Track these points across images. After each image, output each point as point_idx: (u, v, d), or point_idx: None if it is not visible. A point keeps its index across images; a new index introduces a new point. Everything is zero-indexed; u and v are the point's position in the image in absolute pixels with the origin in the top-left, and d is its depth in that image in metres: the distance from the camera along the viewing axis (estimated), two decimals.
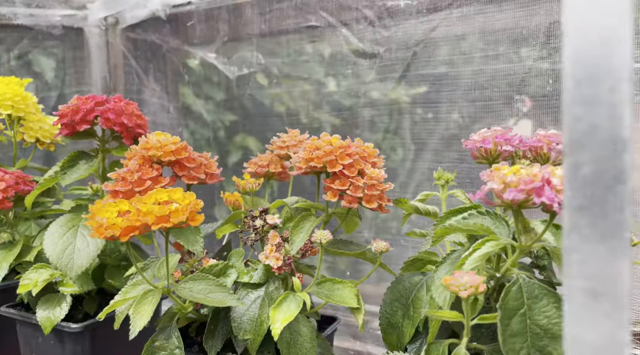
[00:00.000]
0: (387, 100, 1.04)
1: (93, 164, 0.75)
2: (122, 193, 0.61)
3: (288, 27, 1.16)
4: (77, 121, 0.74)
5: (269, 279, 0.63)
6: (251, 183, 0.72)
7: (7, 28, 1.45)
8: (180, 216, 0.51)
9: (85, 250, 0.73)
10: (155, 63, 1.42)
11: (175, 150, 0.64)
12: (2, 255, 0.80)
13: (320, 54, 1.13)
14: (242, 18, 1.23)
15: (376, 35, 1.03)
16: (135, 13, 1.39)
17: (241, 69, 1.25)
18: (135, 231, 0.52)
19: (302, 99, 1.17)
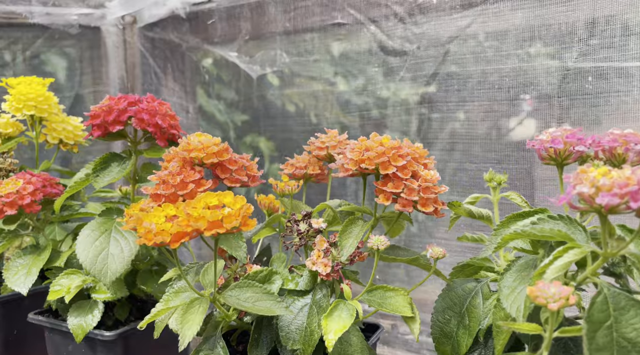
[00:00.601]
0: (417, 99, 1.01)
1: (126, 166, 0.72)
2: (164, 196, 0.58)
3: (313, 25, 1.14)
4: (110, 122, 0.71)
5: (315, 285, 0.61)
6: (291, 185, 0.69)
7: (23, 27, 1.43)
8: (233, 221, 0.49)
9: (119, 255, 0.71)
10: (174, 62, 1.40)
11: (218, 151, 0.61)
12: (31, 260, 0.78)
13: (347, 52, 1.10)
14: (265, 16, 1.21)
15: (407, 32, 1.01)
16: (154, 11, 1.37)
17: (264, 68, 1.22)
18: (185, 237, 0.49)
19: (327, 98, 1.14)
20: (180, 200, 0.58)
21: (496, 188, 0.63)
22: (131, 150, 0.76)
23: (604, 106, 0.82)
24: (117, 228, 0.74)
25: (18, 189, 0.77)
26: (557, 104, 0.86)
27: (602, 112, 0.83)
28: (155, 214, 0.52)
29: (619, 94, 0.81)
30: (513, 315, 0.45)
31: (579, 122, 0.84)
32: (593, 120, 0.84)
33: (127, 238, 0.72)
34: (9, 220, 0.77)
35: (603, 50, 0.81)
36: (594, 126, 0.84)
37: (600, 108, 0.83)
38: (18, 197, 0.76)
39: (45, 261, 0.76)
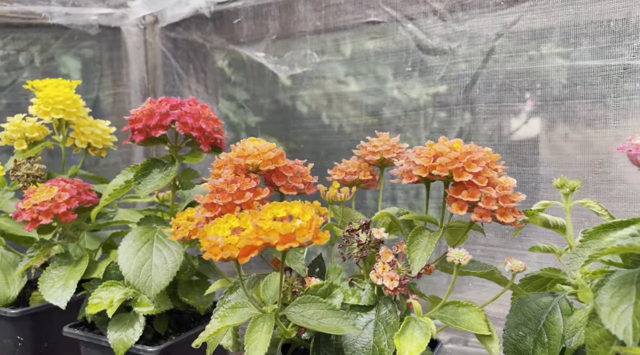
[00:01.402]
0: (459, 99, 0.97)
1: (168, 172, 0.69)
2: (220, 206, 0.55)
3: (346, 23, 1.10)
4: (153, 126, 0.68)
5: (379, 300, 0.57)
6: (344, 192, 0.66)
7: (42, 28, 1.39)
8: (306, 235, 0.45)
9: (163, 266, 0.67)
10: (198, 63, 1.36)
11: (274, 158, 0.58)
12: (67, 271, 0.74)
13: (382, 51, 1.06)
14: (294, 15, 1.17)
15: (447, 30, 0.97)
16: (177, 11, 1.33)
17: (293, 68, 1.19)
18: (254, 251, 0.46)
19: (362, 99, 1.10)
20: (238, 210, 0.55)
21: (568, 194, 0.59)
22: (173, 156, 0.72)
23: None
24: (159, 237, 0.70)
25: (53, 196, 0.73)
26: (612, 104, 0.82)
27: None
28: (219, 226, 0.48)
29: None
30: (620, 337, 0.41)
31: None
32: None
33: (170, 248, 0.69)
34: (44, 230, 0.74)
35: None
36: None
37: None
38: (53, 205, 0.73)
39: (83, 273, 0.72)
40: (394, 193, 1.08)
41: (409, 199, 1.06)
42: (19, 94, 1.40)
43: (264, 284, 0.55)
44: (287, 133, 1.22)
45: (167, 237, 0.70)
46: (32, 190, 0.75)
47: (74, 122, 0.97)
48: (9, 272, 0.86)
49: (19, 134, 0.97)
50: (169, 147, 0.75)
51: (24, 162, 0.93)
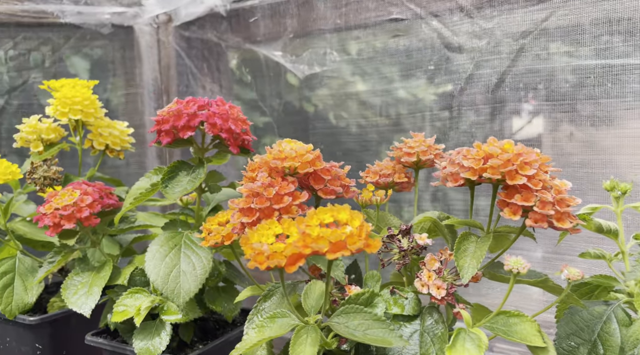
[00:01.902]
0: (487, 98, 0.94)
1: (196, 175, 0.66)
2: (258, 211, 0.52)
3: (367, 21, 1.07)
4: (181, 127, 0.65)
5: (423, 310, 0.54)
6: (379, 195, 0.63)
7: (54, 27, 1.37)
8: (357, 242, 0.42)
9: (192, 273, 0.64)
10: (213, 62, 1.34)
11: (312, 160, 0.55)
12: (90, 277, 0.72)
13: (405, 50, 1.04)
14: (314, 12, 1.14)
15: (474, 27, 0.94)
16: (191, 9, 1.31)
17: (312, 67, 1.16)
18: (301, 260, 0.43)
19: (383, 98, 1.08)
20: (276, 215, 0.52)
21: (619, 198, 0.56)
22: (200, 158, 0.69)
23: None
24: (187, 243, 0.67)
25: (75, 200, 0.71)
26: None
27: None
28: (262, 232, 0.45)
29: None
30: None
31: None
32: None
33: (198, 254, 0.66)
34: (66, 235, 0.71)
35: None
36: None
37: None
38: (76, 209, 0.70)
39: (107, 279, 0.70)
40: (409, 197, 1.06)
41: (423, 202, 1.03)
42: (31, 95, 1.38)
43: (305, 293, 0.52)
44: (304, 133, 1.19)
45: (195, 242, 0.67)
46: (53, 193, 0.73)
47: (91, 123, 0.95)
48: (26, 277, 0.84)
49: (35, 136, 0.95)
50: (194, 149, 0.72)
51: (41, 165, 0.91)
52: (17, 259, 0.85)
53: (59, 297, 0.88)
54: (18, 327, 0.83)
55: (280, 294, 0.58)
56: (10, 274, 0.83)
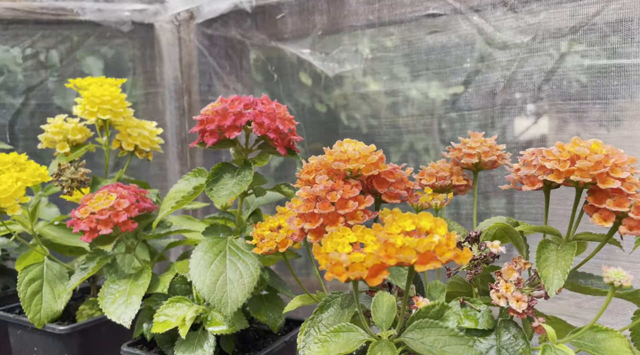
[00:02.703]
0: (533, 97, 0.90)
1: (242, 178, 0.62)
2: (322, 216, 0.48)
3: (402, 17, 1.04)
4: (227, 127, 0.61)
5: (497, 324, 0.50)
6: (440, 199, 0.59)
7: (73, 25, 1.33)
8: (447, 253, 0.38)
9: (239, 281, 0.61)
10: (237, 60, 1.30)
11: (376, 162, 0.51)
12: (128, 285, 0.68)
13: (443, 47, 1.00)
14: (345, 8, 1.11)
15: (519, 22, 0.90)
16: (215, 6, 1.27)
17: (342, 65, 1.12)
18: (383, 271, 0.39)
19: (418, 97, 1.04)
20: (342, 221, 0.48)
21: None
22: (246, 160, 0.66)
23: None
24: (232, 249, 0.64)
25: (112, 204, 0.67)
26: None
27: None
28: (336, 240, 0.42)
29: None
30: None
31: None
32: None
33: (244, 261, 0.62)
34: (103, 240, 0.68)
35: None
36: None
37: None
38: (113, 213, 0.67)
39: (146, 287, 0.66)
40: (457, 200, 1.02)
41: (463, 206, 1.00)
42: (49, 94, 1.34)
43: (374, 305, 0.48)
44: (334, 134, 1.16)
45: (241, 248, 0.64)
46: (88, 197, 0.69)
47: (119, 123, 0.91)
48: (55, 284, 0.80)
49: (61, 136, 0.91)
50: (235, 150, 0.68)
51: (68, 166, 0.87)
52: (44, 265, 0.81)
53: (88, 305, 0.84)
54: (46, 337, 0.79)
55: (339, 305, 0.55)
56: (38, 280, 0.79)
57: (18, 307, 0.88)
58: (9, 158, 0.78)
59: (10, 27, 1.31)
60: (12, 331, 0.84)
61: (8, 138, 1.31)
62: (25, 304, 0.76)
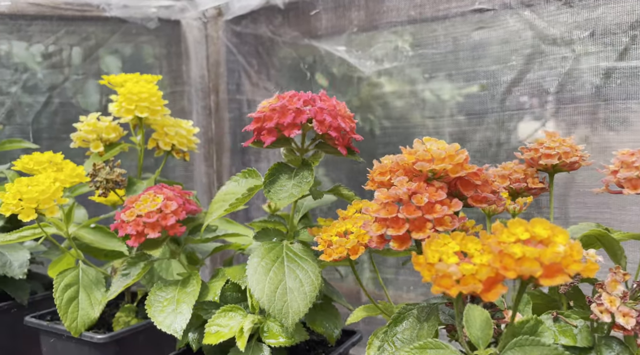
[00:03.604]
0: (590, 96, 0.86)
1: (302, 179, 0.58)
2: (408, 222, 0.44)
3: (447, 12, 0.99)
4: (286, 125, 0.57)
5: (597, 340, 0.46)
6: (520, 204, 0.55)
7: (98, 21, 1.30)
8: (573, 265, 0.34)
9: (299, 290, 0.56)
10: (268, 59, 1.26)
11: (462, 162, 0.47)
12: (175, 292, 0.64)
13: (490, 43, 0.95)
14: (384, 4, 1.06)
15: (575, 17, 0.86)
16: (244, 3, 1.23)
17: (380, 63, 1.08)
18: (497, 285, 0.35)
19: (461, 96, 1.00)
20: (429, 227, 0.44)
21: None
22: (304, 160, 0.61)
23: None
24: (289, 255, 0.60)
25: (159, 206, 0.63)
26: None
27: None
28: (438, 249, 0.37)
29: None
30: None
31: None
32: None
33: (304, 268, 0.58)
34: (150, 245, 0.64)
35: None
36: None
37: None
38: (161, 216, 0.63)
39: (197, 296, 0.62)
40: None
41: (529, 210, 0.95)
42: (73, 92, 1.31)
43: (466, 320, 0.44)
44: (371, 136, 1.11)
45: (299, 254, 0.59)
46: (133, 199, 0.65)
47: (155, 122, 0.87)
48: (91, 290, 0.76)
49: (95, 135, 0.87)
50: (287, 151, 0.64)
51: (103, 166, 0.83)
52: (80, 270, 0.77)
53: (124, 312, 0.80)
54: (82, 346, 0.75)
55: (415, 317, 0.50)
56: (74, 286, 0.75)
57: (49, 313, 0.84)
58: (44, 157, 0.75)
59: (34, 23, 1.27)
60: (45, 339, 0.80)
61: (31, 137, 1.28)
62: (62, 311, 0.72)
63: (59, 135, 1.30)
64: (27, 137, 1.29)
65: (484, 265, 0.35)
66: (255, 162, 1.32)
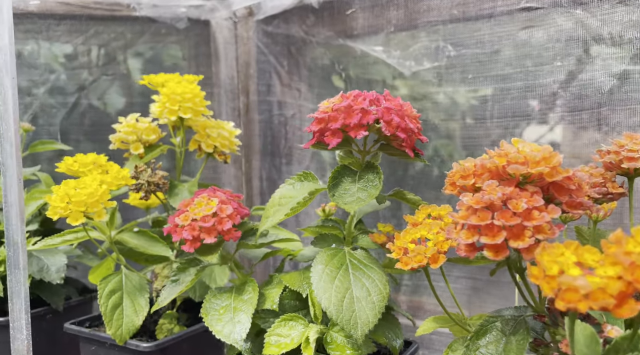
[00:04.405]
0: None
1: (369, 183, 0.55)
2: (505, 229, 0.41)
3: (492, 10, 0.97)
4: (352, 126, 0.55)
5: None
6: (605, 209, 0.52)
7: (128, 21, 1.28)
8: None
9: (367, 299, 0.54)
10: (301, 59, 1.24)
11: (557, 165, 0.44)
12: (230, 300, 0.61)
13: (538, 44, 0.92)
14: (424, 2, 1.04)
15: (632, 15, 0.83)
16: (277, 2, 1.21)
17: (420, 63, 1.05)
18: (628, 300, 0.32)
19: (508, 98, 0.97)
20: (528, 236, 0.41)
21: None
22: (369, 163, 0.59)
23: None
24: (353, 262, 0.57)
25: (215, 210, 0.60)
26: None
27: None
28: (554, 259, 0.34)
29: None
30: None
31: None
32: None
33: (370, 276, 0.55)
34: (205, 250, 0.61)
35: None
36: None
37: None
38: (217, 221, 0.60)
39: (255, 304, 0.59)
40: None
41: None
42: (103, 93, 1.29)
43: (570, 335, 0.41)
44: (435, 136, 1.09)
45: (363, 262, 0.57)
46: (186, 202, 0.63)
47: (197, 123, 0.85)
48: (134, 296, 0.74)
49: (134, 137, 0.85)
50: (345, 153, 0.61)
51: (145, 169, 0.81)
52: (123, 276, 0.75)
53: (167, 319, 0.78)
54: (126, 354, 0.73)
55: (499, 330, 0.47)
56: (118, 292, 0.73)
57: (88, 319, 0.82)
58: (89, 159, 0.72)
59: (63, 23, 1.26)
60: (85, 347, 0.78)
61: (59, 138, 1.26)
62: (107, 318, 0.70)
63: (87, 136, 1.28)
64: (55, 139, 1.27)
65: (612, 278, 0.32)
66: (287, 164, 1.29)
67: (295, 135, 1.26)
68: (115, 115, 1.27)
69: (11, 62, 0.52)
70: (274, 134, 1.30)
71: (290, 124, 1.27)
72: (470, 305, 1.00)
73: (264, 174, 1.33)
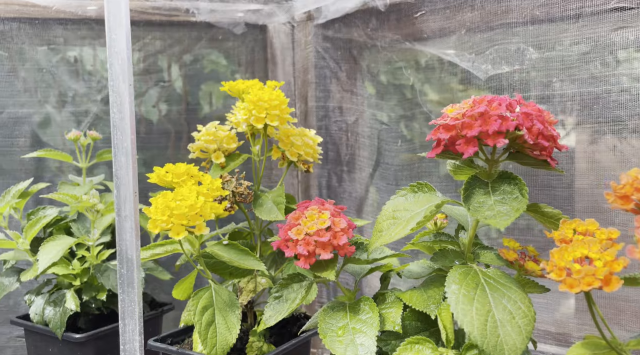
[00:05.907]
0: None
1: (507, 194, 0.51)
2: None
3: (580, 11, 0.92)
4: (491, 133, 0.51)
5: None
6: None
7: (185, 26, 1.25)
8: None
9: (511, 323, 0.49)
10: (364, 64, 1.20)
11: None
12: (347, 319, 0.57)
13: (631, 45, 0.88)
14: (502, 3, 0.99)
15: None
16: (340, 6, 1.17)
17: (498, 66, 1.01)
18: None
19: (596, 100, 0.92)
20: None
21: None
22: (504, 172, 0.54)
23: None
24: (488, 281, 0.52)
25: (329, 224, 0.56)
26: None
27: None
28: None
29: None
30: None
31: None
32: None
33: (509, 296, 0.51)
34: (320, 266, 0.57)
35: None
36: None
37: None
38: (332, 235, 0.56)
39: (377, 325, 0.55)
40: None
41: None
42: (159, 101, 1.26)
43: None
44: None
45: (499, 281, 0.52)
46: (297, 215, 0.59)
47: (280, 131, 0.81)
48: (226, 313, 0.70)
49: (215, 145, 0.82)
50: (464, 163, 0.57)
51: (230, 179, 0.77)
52: (212, 291, 0.71)
53: (256, 337, 0.74)
54: None
55: None
56: (210, 309, 0.69)
57: (169, 336, 0.79)
58: (182, 170, 0.69)
59: None
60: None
61: None
62: (202, 337, 0.66)
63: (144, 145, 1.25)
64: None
65: None
66: (348, 172, 1.25)
67: (358, 141, 1.22)
68: (166, 123, 1.25)
69: (128, 68, 0.49)
70: (335, 141, 1.26)
71: (352, 131, 1.24)
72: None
73: (323, 182, 1.29)
